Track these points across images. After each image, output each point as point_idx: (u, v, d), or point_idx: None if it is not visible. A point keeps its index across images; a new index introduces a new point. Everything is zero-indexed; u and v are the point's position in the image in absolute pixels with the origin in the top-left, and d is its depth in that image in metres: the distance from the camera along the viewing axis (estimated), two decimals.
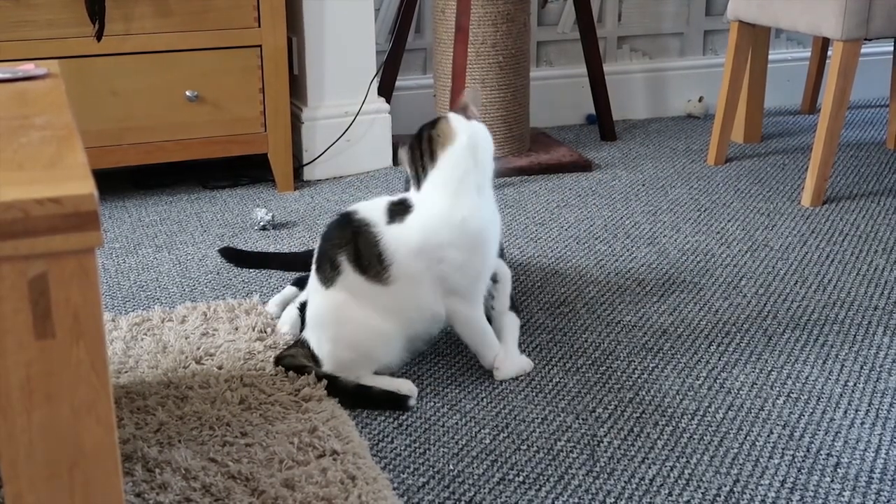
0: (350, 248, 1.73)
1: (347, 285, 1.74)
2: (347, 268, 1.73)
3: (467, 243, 1.74)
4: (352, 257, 1.72)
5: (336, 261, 1.74)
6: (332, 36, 2.89)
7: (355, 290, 1.73)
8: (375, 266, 1.71)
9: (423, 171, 1.77)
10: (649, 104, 3.57)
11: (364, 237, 1.73)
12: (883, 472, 1.54)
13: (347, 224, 1.75)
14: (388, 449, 1.62)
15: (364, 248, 1.72)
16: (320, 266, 1.77)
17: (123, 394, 1.74)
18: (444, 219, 1.73)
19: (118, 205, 2.75)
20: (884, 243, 2.43)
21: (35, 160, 0.99)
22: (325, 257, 1.76)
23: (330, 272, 1.75)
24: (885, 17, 2.59)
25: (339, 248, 1.74)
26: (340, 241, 1.74)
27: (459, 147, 1.76)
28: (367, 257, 1.72)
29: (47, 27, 2.53)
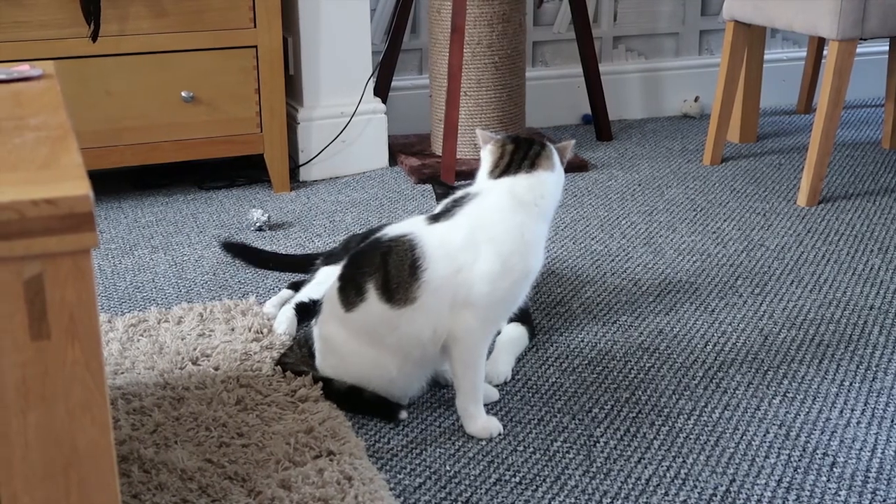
0: (378, 276, 1.64)
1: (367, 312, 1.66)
2: (373, 296, 1.64)
3: (515, 262, 1.64)
4: (379, 284, 1.64)
5: (362, 287, 1.66)
6: (327, 36, 2.89)
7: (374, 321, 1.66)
8: (406, 282, 1.62)
9: (512, 169, 1.68)
10: (645, 104, 3.57)
11: (395, 254, 1.64)
12: (879, 472, 1.54)
13: (376, 249, 1.67)
14: (385, 449, 1.62)
15: (394, 267, 1.63)
16: (343, 290, 1.70)
17: (119, 395, 1.74)
18: (509, 222, 1.65)
19: (114, 206, 2.74)
20: (879, 243, 2.43)
21: (30, 161, 0.99)
22: (349, 283, 1.69)
23: (354, 297, 1.67)
24: (880, 17, 2.59)
25: (367, 275, 1.66)
26: (368, 269, 1.66)
27: (556, 176, 1.70)
28: (397, 277, 1.63)
29: (42, 28, 2.53)
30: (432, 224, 1.66)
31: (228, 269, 2.32)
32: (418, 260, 1.62)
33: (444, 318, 1.63)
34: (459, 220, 1.65)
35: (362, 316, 1.66)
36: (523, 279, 1.67)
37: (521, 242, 1.64)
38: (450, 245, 1.63)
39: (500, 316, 1.71)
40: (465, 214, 1.66)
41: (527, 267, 1.66)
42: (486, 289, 1.62)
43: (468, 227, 1.64)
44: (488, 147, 1.72)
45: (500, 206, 1.65)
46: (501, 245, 1.63)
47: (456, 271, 1.62)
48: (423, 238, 1.64)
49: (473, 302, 1.63)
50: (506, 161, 1.69)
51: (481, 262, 1.62)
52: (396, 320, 1.63)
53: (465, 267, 1.63)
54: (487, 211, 1.66)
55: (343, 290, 1.70)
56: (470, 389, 1.66)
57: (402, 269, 1.63)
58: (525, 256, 1.65)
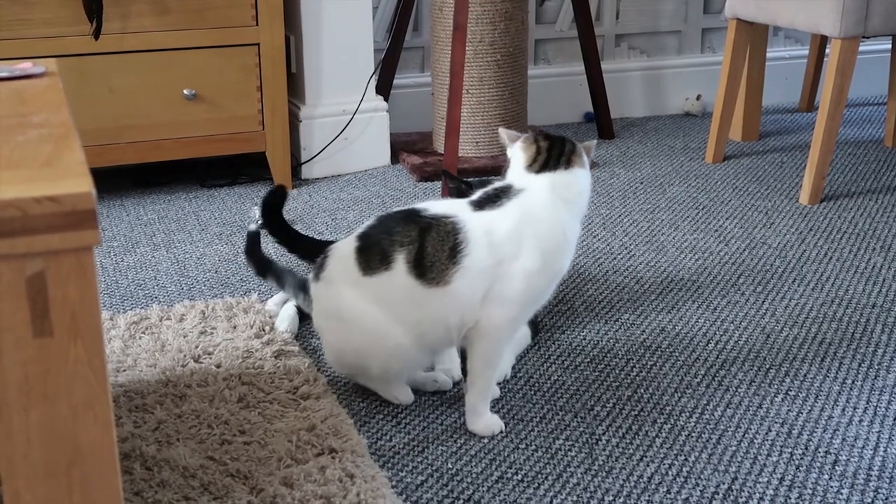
0: (412, 248, 1.61)
1: (390, 282, 1.62)
2: (401, 267, 1.61)
3: (553, 258, 1.63)
4: (412, 257, 1.61)
5: (390, 255, 1.62)
6: (329, 34, 2.89)
7: (398, 292, 1.62)
8: (443, 263, 1.59)
9: (551, 166, 1.67)
10: (647, 102, 3.57)
11: (436, 232, 1.61)
12: (881, 470, 1.54)
13: (414, 221, 1.63)
14: (387, 447, 1.62)
15: (432, 245, 1.60)
16: (365, 251, 1.65)
17: (122, 392, 1.74)
18: (554, 219, 1.64)
19: (116, 203, 2.75)
20: (882, 241, 2.43)
21: (33, 158, 0.99)
22: (375, 246, 1.64)
23: (377, 263, 1.63)
24: (882, 15, 2.59)
25: (398, 244, 1.62)
26: (402, 239, 1.62)
27: (587, 172, 1.70)
28: (434, 255, 1.60)
29: (45, 25, 2.53)
30: (478, 210, 1.64)
31: (230, 267, 2.32)
32: (461, 244, 1.60)
33: (474, 308, 1.61)
34: (508, 210, 1.63)
35: (382, 284, 1.63)
36: (555, 278, 1.67)
37: (563, 240, 1.64)
38: (495, 235, 1.61)
39: (527, 315, 1.70)
40: (514, 206, 1.64)
41: (562, 266, 1.66)
42: (522, 285, 1.61)
43: (516, 219, 1.62)
44: (518, 144, 1.71)
45: (546, 201, 1.65)
46: (546, 242, 1.63)
47: (497, 263, 1.61)
48: (468, 223, 1.61)
49: (508, 298, 1.62)
50: (543, 157, 1.68)
51: (524, 257, 1.61)
52: (424, 298, 1.61)
53: (506, 260, 1.61)
54: (535, 206, 1.64)
55: (364, 251, 1.65)
56: (483, 387, 1.66)
57: (442, 249, 1.60)
58: (564, 255, 1.65)
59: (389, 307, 1.63)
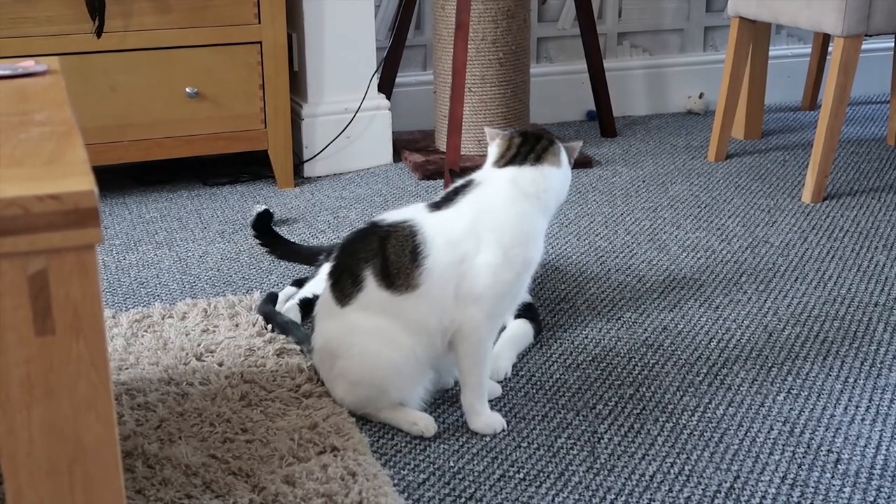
0: (377, 261, 1.61)
1: (367, 303, 1.62)
2: (371, 283, 1.61)
3: (516, 252, 1.63)
4: (378, 270, 1.61)
5: (359, 275, 1.62)
6: (332, 32, 2.89)
7: (376, 309, 1.62)
8: (407, 268, 1.60)
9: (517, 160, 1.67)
10: (649, 100, 3.57)
11: (395, 239, 1.61)
12: (883, 469, 1.54)
13: (373, 234, 1.64)
14: (389, 445, 1.62)
15: (394, 252, 1.61)
16: (337, 282, 1.66)
17: (124, 390, 1.74)
18: (510, 211, 1.64)
19: (118, 201, 2.75)
20: (884, 240, 2.43)
21: (35, 156, 0.99)
22: (345, 272, 1.65)
23: (350, 288, 1.63)
24: (885, 13, 2.59)
25: (364, 261, 1.62)
26: (366, 255, 1.62)
27: (562, 173, 1.69)
28: (397, 263, 1.60)
29: (47, 24, 2.53)
30: (434, 211, 1.65)
31: (232, 265, 2.32)
32: (419, 246, 1.60)
33: (449, 309, 1.62)
34: (461, 207, 1.64)
35: (360, 307, 1.63)
36: (524, 271, 1.66)
37: (520, 232, 1.64)
38: (451, 233, 1.62)
39: (504, 309, 1.69)
40: (467, 202, 1.65)
41: (527, 258, 1.65)
42: (489, 280, 1.61)
43: (470, 214, 1.63)
44: (496, 141, 1.72)
45: (502, 194, 1.65)
46: (503, 234, 1.62)
47: (459, 260, 1.61)
48: (423, 225, 1.62)
49: (478, 295, 1.61)
50: (512, 153, 1.68)
51: (484, 252, 1.61)
52: (399, 306, 1.61)
53: (467, 256, 1.61)
54: (489, 199, 1.65)
55: (337, 283, 1.66)
56: (476, 385, 1.65)
57: (403, 254, 1.60)
58: (525, 247, 1.64)
59: (374, 327, 1.62)
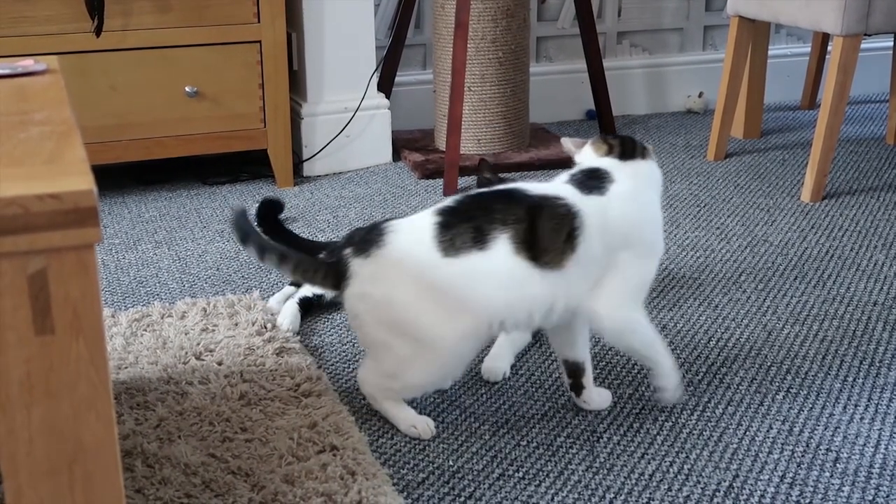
0: (520, 228, 1.53)
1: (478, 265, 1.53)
2: (505, 247, 1.53)
3: (654, 241, 1.66)
4: (520, 237, 1.53)
5: (488, 234, 1.53)
6: (331, 31, 2.89)
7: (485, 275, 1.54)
8: (560, 248, 1.54)
9: (627, 155, 1.68)
10: (649, 100, 3.57)
11: (551, 214, 1.55)
12: (882, 468, 1.54)
13: (518, 199, 1.56)
14: (388, 445, 1.62)
15: (549, 227, 1.54)
16: (450, 228, 1.54)
17: (123, 389, 1.74)
18: (654, 205, 1.68)
19: (118, 201, 2.75)
20: (883, 238, 2.43)
21: (34, 156, 0.99)
22: (466, 223, 1.54)
23: (468, 242, 1.53)
24: (884, 13, 2.59)
25: (500, 223, 1.53)
26: (506, 217, 1.54)
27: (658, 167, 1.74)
28: (551, 239, 1.54)
29: (46, 23, 2.53)
30: (586, 194, 1.61)
31: (232, 265, 2.32)
32: (578, 230, 1.56)
33: (582, 294, 1.59)
34: (614, 197, 1.62)
35: (469, 264, 1.53)
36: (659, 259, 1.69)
37: (657, 222, 1.68)
38: (608, 221, 1.60)
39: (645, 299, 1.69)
40: (618, 193, 1.63)
41: (661, 247, 1.69)
42: (637, 270, 1.64)
43: (623, 205, 1.62)
44: (588, 148, 1.72)
45: (643, 187, 1.68)
46: (646, 226, 1.65)
47: (608, 250, 1.59)
48: (581, 208, 1.58)
49: (630, 289, 1.63)
50: (619, 150, 1.69)
51: (633, 244, 1.62)
52: (530, 281, 1.54)
53: (616, 247, 1.60)
54: (634, 192, 1.65)
55: (448, 229, 1.55)
56: (666, 363, 1.69)
57: (559, 233, 1.55)
58: (660, 235, 1.68)
59: (468, 291, 1.54)
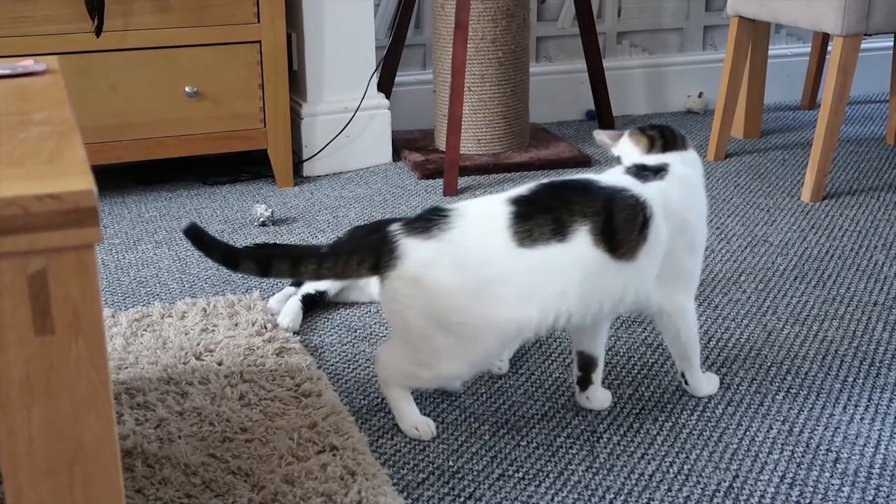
0: (599, 220, 1.53)
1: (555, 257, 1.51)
2: (584, 240, 1.52)
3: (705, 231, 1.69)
4: (599, 229, 1.52)
5: (567, 226, 1.52)
6: (331, 31, 2.89)
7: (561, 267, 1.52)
8: (634, 239, 1.54)
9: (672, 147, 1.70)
10: (649, 100, 3.57)
11: (623, 205, 1.55)
12: (882, 468, 1.54)
13: (593, 191, 1.56)
14: (388, 445, 1.62)
15: (624, 219, 1.54)
16: (527, 219, 1.52)
17: (123, 390, 1.74)
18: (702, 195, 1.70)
19: (118, 201, 2.75)
20: (883, 239, 2.43)
21: (34, 156, 0.99)
22: (545, 214, 1.53)
23: (546, 234, 1.51)
24: (885, 13, 2.59)
25: (580, 215, 1.52)
26: (585, 209, 1.53)
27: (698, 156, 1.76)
28: (626, 230, 1.54)
29: (46, 23, 2.53)
30: (646, 183, 1.61)
31: None
32: (649, 220, 1.56)
33: (648, 285, 1.61)
34: (672, 184, 1.63)
35: (545, 256, 1.51)
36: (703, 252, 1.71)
37: (704, 212, 1.70)
38: (669, 208, 1.60)
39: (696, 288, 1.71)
40: (674, 180, 1.64)
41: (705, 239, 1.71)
42: (696, 259, 1.67)
43: (681, 192, 1.64)
44: (625, 140, 1.73)
45: (691, 175, 1.69)
46: (698, 215, 1.67)
47: (669, 237, 1.61)
48: (648, 197, 1.58)
49: (687, 276, 1.67)
50: (661, 142, 1.70)
51: (689, 231, 1.64)
52: (606, 273, 1.55)
53: (675, 234, 1.62)
54: (687, 180, 1.67)
55: (525, 219, 1.52)
56: (696, 360, 1.72)
57: (634, 224, 1.55)
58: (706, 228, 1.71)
59: (541, 284, 1.52)
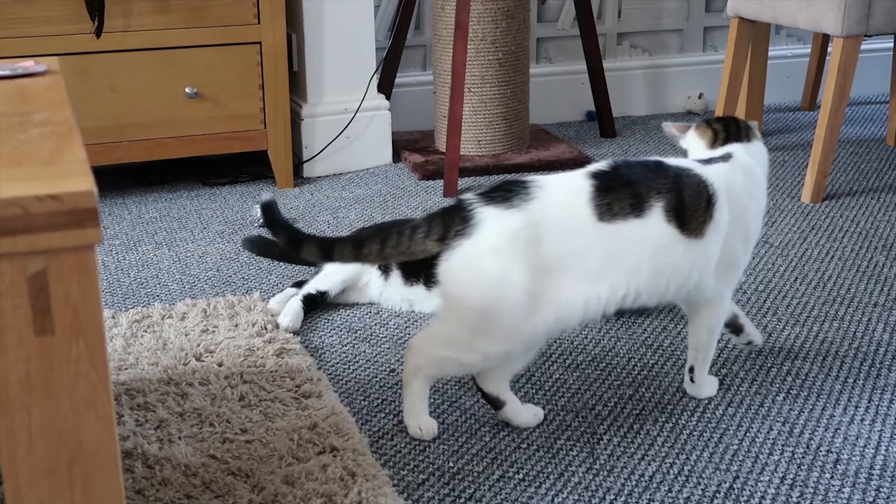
0: (671, 197, 1.55)
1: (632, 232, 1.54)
2: (658, 215, 1.54)
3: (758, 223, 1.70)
4: (671, 206, 1.55)
5: (644, 201, 1.54)
6: (331, 32, 2.89)
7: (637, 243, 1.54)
8: (700, 216, 1.57)
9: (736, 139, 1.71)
10: (649, 101, 3.57)
11: (690, 183, 1.58)
12: (882, 469, 1.54)
13: (664, 170, 1.59)
14: (388, 446, 1.62)
15: (691, 196, 1.57)
16: (609, 193, 1.53)
17: (123, 390, 1.74)
18: (763, 185, 1.70)
19: (118, 201, 2.75)
20: (884, 240, 2.43)
21: (35, 157, 0.99)
22: (625, 190, 1.54)
23: (626, 209, 1.53)
24: (885, 14, 2.59)
25: (655, 191, 1.55)
26: (659, 186, 1.55)
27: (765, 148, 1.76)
28: (693, 207, 1.57)
29: (47, 24, 2.53)
30: (709, 165, 1.64)
31: (232, 266, 2.32)
32: (713, 197, 1.59)
33: (709, 269, 1.62)
34: (735, 169, 1.66)
35: (625, 231, 1.53)
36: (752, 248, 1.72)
37: (763, 208, 1.71)
38: (732, 191, 1.62)
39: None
40: (736, 166, 1.66)
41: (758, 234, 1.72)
42: (746, 250, 1.68)
43: (744, 178, 1.66)
44: (692, 133, 1.76)
45: (755, 167, 1.70)
46: (760, 206, 1.69)
47: (732, 220, 1.62)
48: (712, 177, 1.61)
49: (735, 265, 1.67)
50: (724, 134, 1.72)
51: (746, 219, 1.66)
52: (676, 250, 1.57)
53: (733, 221, 1.63)
54: (749, 168, 1.68)
55: (607, 193, 1.53)
56: (709, 356, 1.73)
57: (700, 201, 1.58)
58: (761, 222, 1.72)
59: (618, 257, 1.54)
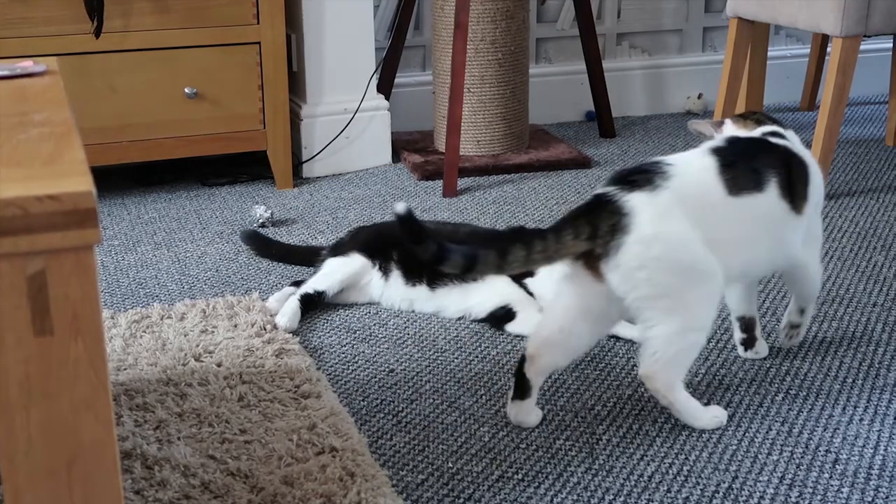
0: (783, 173, 1.64)
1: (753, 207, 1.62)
2: (775, 191, 1.63)
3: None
4: (782, 182, 1.64)
5: (763, 176, 1.62)
6: (331, 33, 2.89)
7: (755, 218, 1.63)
8: (802, 193, 1.67)
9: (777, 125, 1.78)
10: (648, 101, 3.57)
11: (796, 162, 1.68)
12: (881, 469, 1.54)
13: (774, 148, 1.68)
14: (388, 446, 1.62)
15: (797, 173, 1.66)
16: (732, 168, 1.61)
17: (122, 391, 1.74)
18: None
19: (117, 202, 2.75)
20: (883, 240, 2.43)
21: (34, 157, 0.99)
22: (745, 166, 1.62)
23: (748, 184, 1.61)
24: (884, 14, 2.59)
25: (770, 167, 1.63)
26: (773, 163, 1.64)
27: None
28: (798, 184, 1.66)
29: (46, 24, 2.53)
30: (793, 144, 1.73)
31: (231, 266, 2.32)
32: (811, 177, 1.70)
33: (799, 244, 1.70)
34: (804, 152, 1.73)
35: (748, 205, 1.61)
36: None
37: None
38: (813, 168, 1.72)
39: None
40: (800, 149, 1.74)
41: None
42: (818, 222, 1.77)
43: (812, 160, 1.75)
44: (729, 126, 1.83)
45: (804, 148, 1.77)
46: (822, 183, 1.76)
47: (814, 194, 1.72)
48: (807, 157, 1.71)
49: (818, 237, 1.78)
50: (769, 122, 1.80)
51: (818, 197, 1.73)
52: (789, 223, 1.67)
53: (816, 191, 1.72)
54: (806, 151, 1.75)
55: (731, 169, 1.61)
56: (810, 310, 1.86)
57: (803, 179, 1.68)
58: None
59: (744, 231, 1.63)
